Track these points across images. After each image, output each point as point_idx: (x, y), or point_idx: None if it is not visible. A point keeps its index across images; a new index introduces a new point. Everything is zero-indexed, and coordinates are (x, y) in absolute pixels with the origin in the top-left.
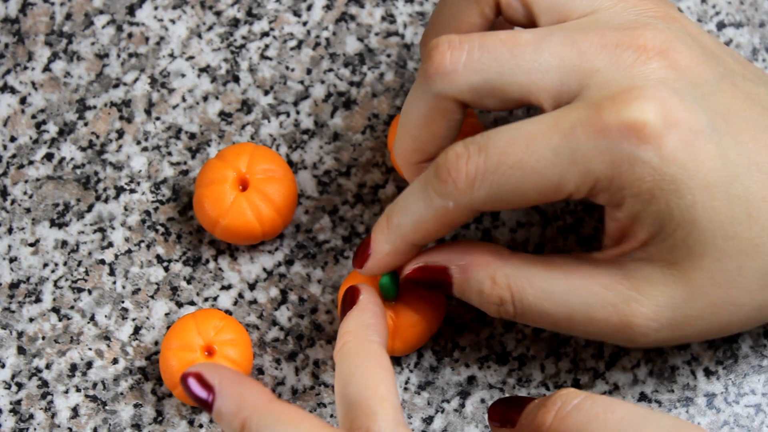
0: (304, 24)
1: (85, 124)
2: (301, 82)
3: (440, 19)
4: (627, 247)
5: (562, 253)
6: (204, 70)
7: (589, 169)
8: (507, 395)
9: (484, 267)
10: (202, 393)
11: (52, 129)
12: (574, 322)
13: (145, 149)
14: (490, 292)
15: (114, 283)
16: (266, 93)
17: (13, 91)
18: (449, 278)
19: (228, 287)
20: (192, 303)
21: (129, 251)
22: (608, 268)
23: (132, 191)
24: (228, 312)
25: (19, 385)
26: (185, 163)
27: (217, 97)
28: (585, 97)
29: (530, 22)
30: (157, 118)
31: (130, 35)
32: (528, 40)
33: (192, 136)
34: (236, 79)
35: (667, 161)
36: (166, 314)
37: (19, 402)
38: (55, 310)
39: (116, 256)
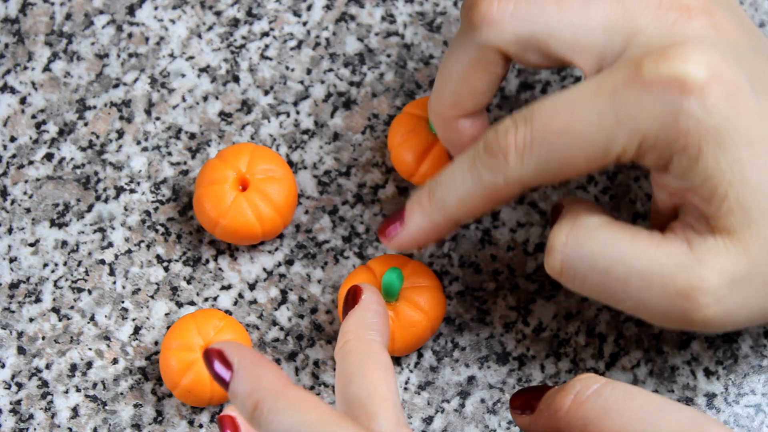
0: (304, 24)
1: (85, 124)
2: (301, 82)
3: None
4: (689, 217)
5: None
6: (204, 70)
7: (635, 127)
8: (508, 394)
9: (567, 214)
10: (223, 372)
11: (52, 129)
12: (630, 286)
13: (145, 149)
14: (549, 237)
15: (114, 283)
16: (266, 93)
17: (13, 91)
18: (559, 212)
19: (228, 287)
20: (192, 303)
21: (129, 251)
22: (674, 239)
23: (132, 191)
24: (228, 312)
25: (19, 385)
26: (185, 163)
27: (217, 97)
28: (626, 57)
29: None
30: (157, 118)
31: (130, 35)
32: None
33: (192, 136)
34: (236, 79)
35: (710, 112)
36: (166, 314)
37: (19, 402)
38: (55, 310)
39: (116, 256)
